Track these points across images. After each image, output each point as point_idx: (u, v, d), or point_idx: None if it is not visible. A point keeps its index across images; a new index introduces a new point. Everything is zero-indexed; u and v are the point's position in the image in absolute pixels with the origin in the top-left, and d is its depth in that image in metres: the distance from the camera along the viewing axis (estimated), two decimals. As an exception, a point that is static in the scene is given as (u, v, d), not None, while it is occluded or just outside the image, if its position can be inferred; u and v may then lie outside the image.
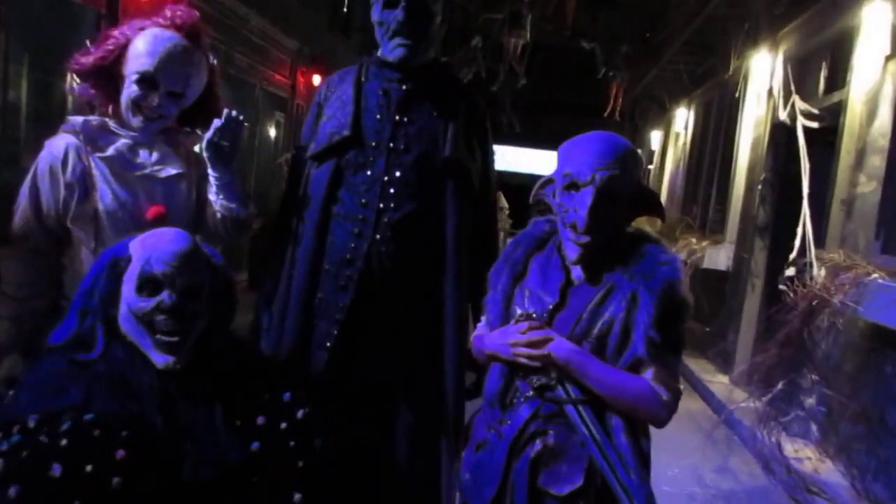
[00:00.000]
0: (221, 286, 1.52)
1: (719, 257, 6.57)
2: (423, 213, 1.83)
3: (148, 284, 1.38)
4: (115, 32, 1.84)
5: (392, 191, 1.81)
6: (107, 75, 1.81)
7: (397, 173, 1.82)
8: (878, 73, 4.10)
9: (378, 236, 1.81)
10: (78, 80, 1.84)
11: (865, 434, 3.60)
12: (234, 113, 1.80)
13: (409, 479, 1.89)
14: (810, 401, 4.00)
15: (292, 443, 1.44)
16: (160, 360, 1.38)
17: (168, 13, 1.87)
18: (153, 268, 1.38)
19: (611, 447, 1.39)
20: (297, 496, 1.40)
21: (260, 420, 1.44)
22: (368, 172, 1.83)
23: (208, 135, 1.81)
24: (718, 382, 5.80)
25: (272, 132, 9.55)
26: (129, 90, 1.78)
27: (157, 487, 1.28)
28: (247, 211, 1.88)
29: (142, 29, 1.82)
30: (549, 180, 1.57)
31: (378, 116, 1.85)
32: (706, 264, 6.47)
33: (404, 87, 1.85)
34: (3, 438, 1.22)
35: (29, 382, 1.37)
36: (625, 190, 1.47)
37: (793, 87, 5.23)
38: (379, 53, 1.92)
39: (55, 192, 1.75)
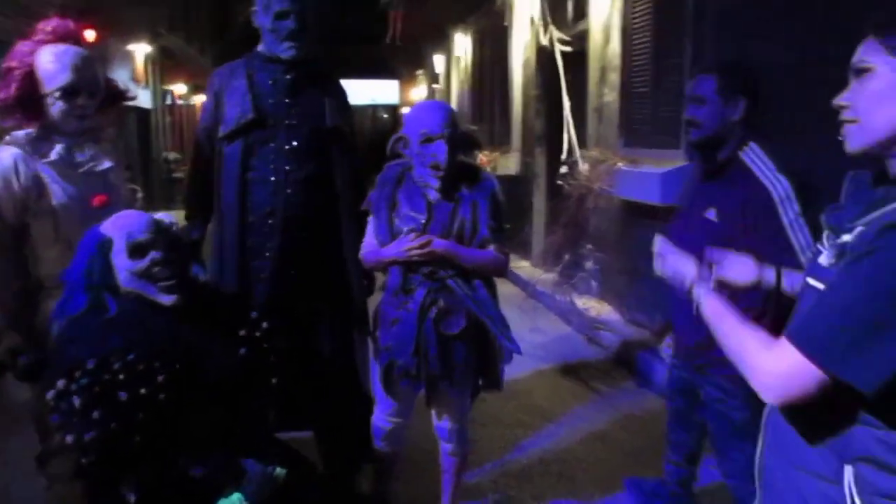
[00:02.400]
0: (178, 239, 2.06)
1: (509, 164, 7.68)
2: (319, 170, 2.46)
3: (137, 250, 1.83)
4: (14, 63, 2.12)
5: (293, 156, 2.41)
6: (26, 99, 2.12)
7: (295, 143, 2.41)
8: (608, 7, 5.23)
9: (289, 191, 2.40)
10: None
11: (628, 281, 4.86)
12: None
13: (334, 361, 2.60)
14: (589, 264, 5.16)
15: (265, 345, 2.06)
16: (167, 300, 1.86)
17: (49, 28, 2.18)
18: (136, 237, 1.84)
19: (478, 297, 2.23)
20: (274, 380, 2.05)
21: (242, 332, 2.04)
22: (272, 145, 2.39)
23: None
24: (522, 267, 7.01)
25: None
26: (58, 105, 2.12)
27: (186, 395, 1.75)
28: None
29: (33, 52, 2.12)
30: (400, 137, 2.28)
31: (272, 101, 2.40)
32: (500, 171, 7.50)
33: (288, 77, 2.42)
34: (70, 382, 1.61)
35: (70, 341, 1.74)
36: (458, 137, 2.25)
37: (549, 18, 6.27)
38: (262, 49, 2.45)
39: (12, 196, 2.08)
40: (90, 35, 9.17)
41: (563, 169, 5.48)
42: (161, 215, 2.06)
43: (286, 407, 2.14)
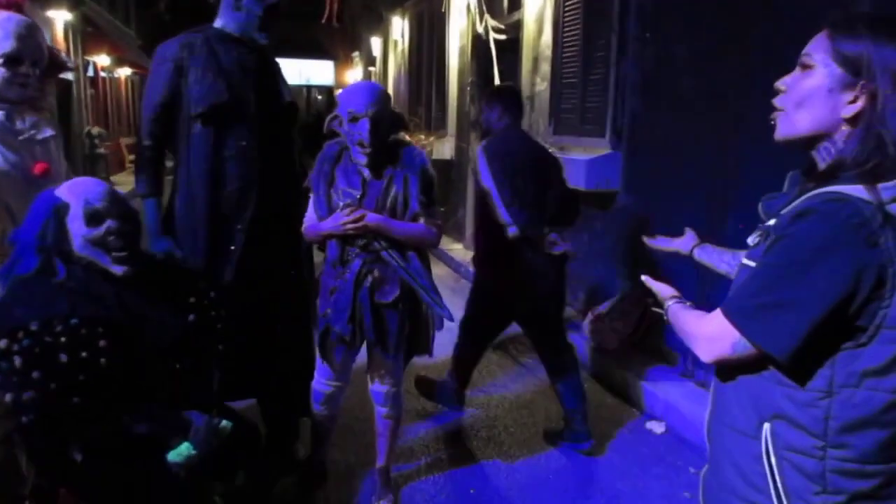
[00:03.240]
0: (132, 212, 2.12)
1: (444, 149, 7.82)
2: (283, 145, 2.60)
3: (94, 218, 1.86)
4: None
5: (264, 133, 2.52)
6: None
7: (264, 120, 2.52)
8: (541, -1, 5.44)
9: (260, 167, 2.52)
10: None
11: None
12: None
13: (290, 329, 2.71)
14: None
15: (213, 313, 2.15)
16: (119, 270, 1.89)
17: None
18: (94, 204, 1.87)
19: (410, 268, 2.38)
20: (220, 347, 2.14)
21: (191, 300, 2.11)
22: (245, 123, 2.48)
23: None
24: (455, 249, 7.20)
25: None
26: (0, 72, 2.14)
27: (130, 360, 1.82)
28: None
29: None
30: (335, 116, 2.40)
31: (240, 80, 2.48)
32: (435, 155, 7.63)
33: (252, 57, 2.53)
34: (12, 343, 1.65)
35: (16, 301, 1.76)
36: (384, 116, 2.38)
37: (484, 7, 6.43)
38: (227, 27, 2.51)
39: None
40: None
41: (496, 154, 5.65)
42: None
43: (234, 375, 2.23)
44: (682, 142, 3.71)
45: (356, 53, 18.42)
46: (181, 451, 1.75)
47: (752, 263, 1.18)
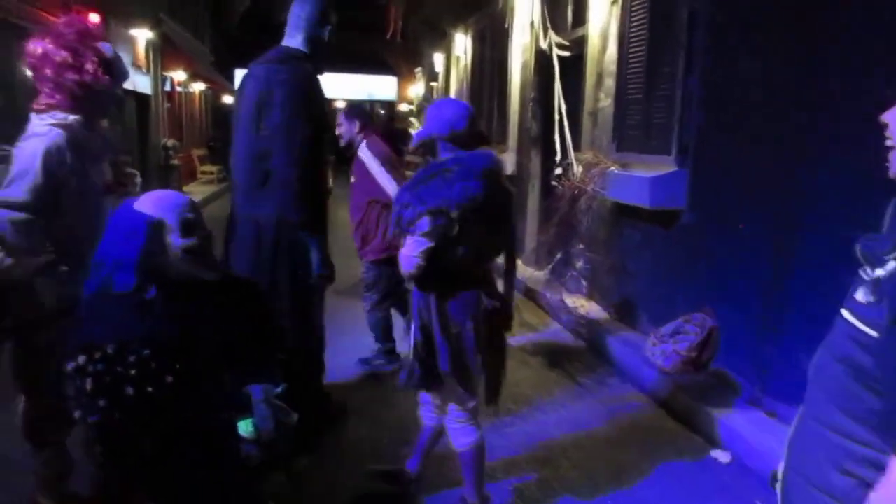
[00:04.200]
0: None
1: (505, 163, 7.82)
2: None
3: (189, 228, 1.89)
4: (91, 56, 2.25)
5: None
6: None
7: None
8: (606, 14, 5.38)
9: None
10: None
11: (615, 280, 5.04)
12: None
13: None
14: (580, 264, 5.33)
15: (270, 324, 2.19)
16: (211, 277, 1.94)
17: (91, 29, 2.34)
18: (187, 215, 1.90)
19: None
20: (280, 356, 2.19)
21: (252, 310, 2.16)
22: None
23: None
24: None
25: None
26: (112, 98, 2.36)
27: (195, 375, 1.82)
28: None
29: (96, 46, 2.29)
30: (428, 136, 2.41)
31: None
32: (495, 171, 7.69)
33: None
34: (88, 361, 1.68)
35: (96, 318, 1.78)
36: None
37: (548, 23, 6.42)
38: (307, 52, 2.71)
39: (61, 173, 2.19)
40: (94, 18, 9.31)
41: (558, 170, 5.63)
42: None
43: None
44: (751, 160, 3.59)
45: (418, 69, 18.67)
46: (248, 428, 1.79)
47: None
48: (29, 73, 2.31)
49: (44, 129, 2.20)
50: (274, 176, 2.59)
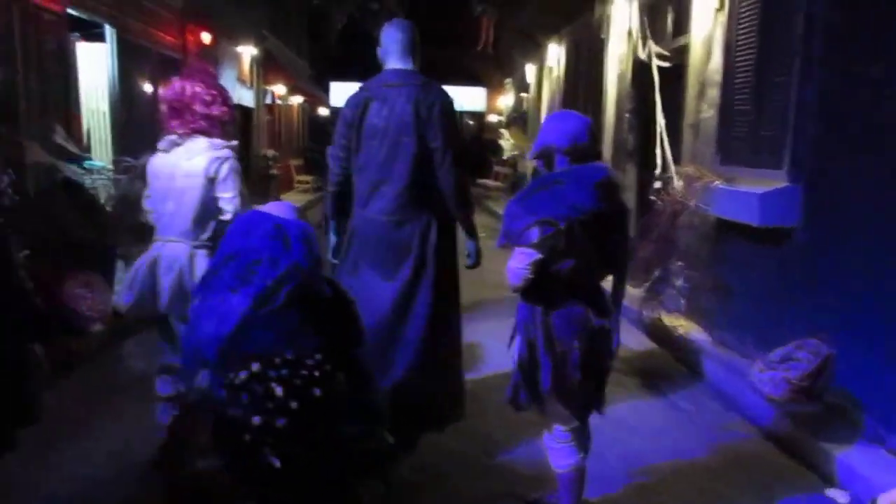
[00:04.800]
0: None
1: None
2: None
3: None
4: (225, 93, 2.93)
5: None
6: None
7: None
8: (710, 22, 5.16)
9: None
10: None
11: (717, 300, 4.79)
12: None
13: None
14: (679, 282, 5.10)
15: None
16: (326, 288, 1.97)
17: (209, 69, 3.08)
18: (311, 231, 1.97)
19: None
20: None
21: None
22: None
23: None
24: (608, 280, 6.94)
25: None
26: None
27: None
28: None
29: (213, 84, 2.94)
30: (547, 147, 2.36)
31: None
32: (588, 184, 7.53)
33: None
34: (268, 368, 1.67)
35: (269, 324, 1.76)
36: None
37: (647, 32, 6.23)
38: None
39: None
40: (206, 38, 9.86)
41: (657, 184, 5.44)
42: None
43: None
44: (875, 175, 3.32)
45: (508, 80, 18.66)
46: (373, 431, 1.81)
47: None
48: (170, 104, 2.82)
49: (223, 151, 2.84)
50: (442, 185, 2.87)
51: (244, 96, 12.72)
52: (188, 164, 2.77)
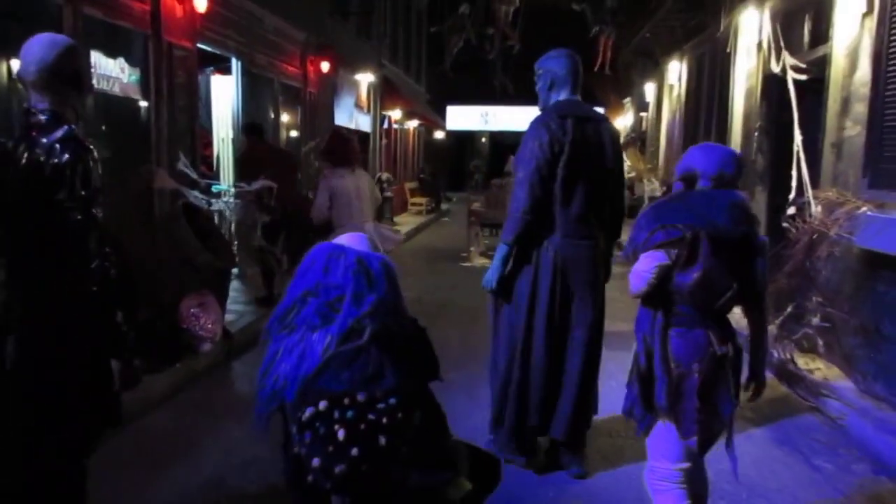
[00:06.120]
0: None
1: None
2: None
3: None
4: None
5: None
6: None
7: None
8: (856, 29, 4.62)
9: None
10: None
11: (865, 343, 4.19)
12: None
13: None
14: (816, 320, 4.54)
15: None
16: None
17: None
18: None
19: None
20: None
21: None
22: None
23: None
24: (733, 313, 6.38)
25: (287, 119, 9.82)
26: None
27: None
28: None
29: None
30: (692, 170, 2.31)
31: None
32: (712, 208, 7.02)
33: None
34: (335, 407, 1.58)
35: (348, 362, 1.66)
36: None
37: (781, 42, 5.71)
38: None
39: None
40: (326, 67, 10.24)
41: (791, 210, 4.92)
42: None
43: None
44: None
45: (627, 99, 18.11)
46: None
47: None
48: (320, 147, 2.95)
49: None
50: (615, 209, 3.27)
51: (362, 122, 13.10)
52: None
